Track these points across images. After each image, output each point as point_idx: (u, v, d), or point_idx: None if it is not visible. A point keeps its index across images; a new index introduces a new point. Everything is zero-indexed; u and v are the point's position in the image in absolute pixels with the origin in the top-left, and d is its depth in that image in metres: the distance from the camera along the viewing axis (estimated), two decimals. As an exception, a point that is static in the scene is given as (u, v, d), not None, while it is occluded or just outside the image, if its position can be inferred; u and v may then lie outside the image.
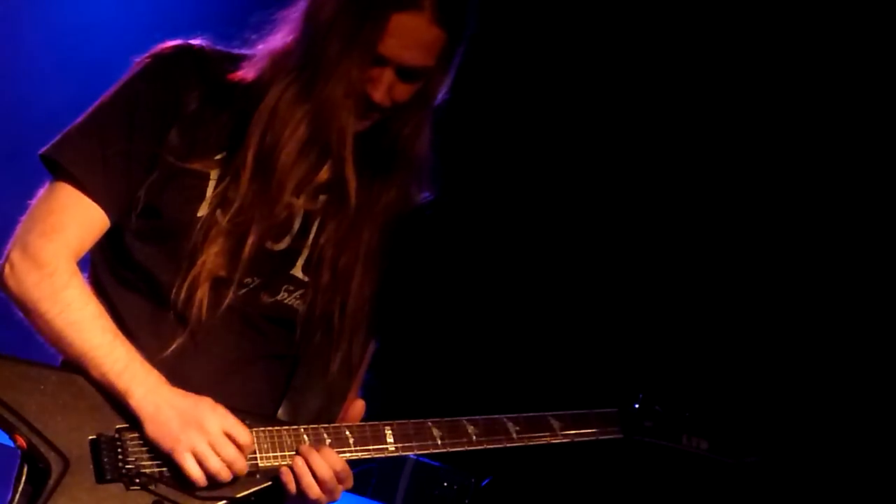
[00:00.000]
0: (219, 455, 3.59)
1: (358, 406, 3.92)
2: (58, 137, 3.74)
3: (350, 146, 3.71)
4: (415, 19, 3.64)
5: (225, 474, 3.61)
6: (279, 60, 3.72)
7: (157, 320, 3.74)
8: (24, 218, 3.73)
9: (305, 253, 3.84)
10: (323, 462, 3.71)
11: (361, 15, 3.62)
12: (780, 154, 6.31)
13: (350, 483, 3.79)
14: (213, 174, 3.74)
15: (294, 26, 3.73)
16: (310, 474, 3.70)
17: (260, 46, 3.78)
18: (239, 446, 3.62)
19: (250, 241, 3.71)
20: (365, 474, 5.85)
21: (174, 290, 3.70)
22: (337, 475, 3.72)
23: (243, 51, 3.81)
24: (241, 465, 3.63)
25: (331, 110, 3.66)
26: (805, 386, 6.03)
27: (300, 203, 3.79)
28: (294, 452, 3.73)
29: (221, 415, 3.62)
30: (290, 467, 3.71)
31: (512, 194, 6.65)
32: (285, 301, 3.84)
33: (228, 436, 3.61)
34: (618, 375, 5.98)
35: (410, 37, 3.65)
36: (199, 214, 3.72)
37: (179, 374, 3.68)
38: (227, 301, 3.73)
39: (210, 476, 3.60)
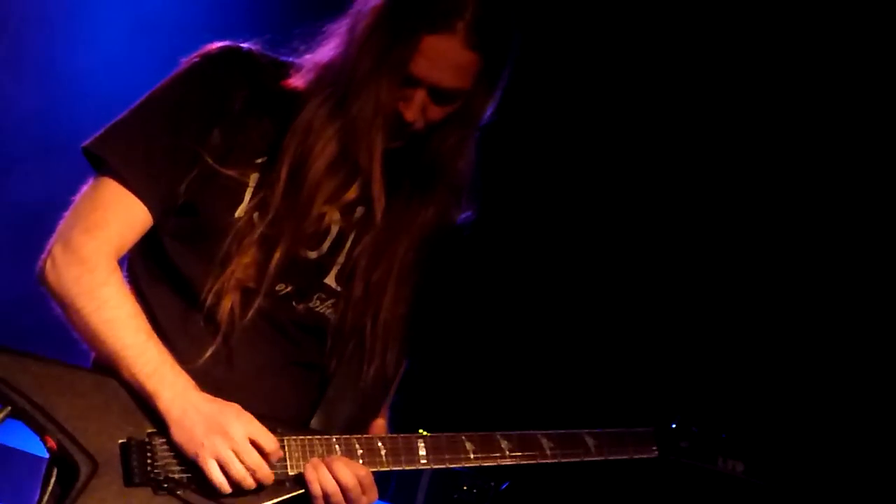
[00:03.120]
0: (243, 462, 3.57)
1: (378, 426, 3.90)
2: (101, 132, 3.73)
3: (378, 165, 3.69)
4: (447, 42, 3.61)
5: (249, 481, 3.58)
6: (323, 74, 3.72)
7: (191, 323, 3.73)
8: (67, 213, 3.72)
9: (340, 263, 3.82)
10: (346, 469, 3.68)
11: (393, 35, 3.60)
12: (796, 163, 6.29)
13: (374, 495, 3.76)
14: (253, 179, 3.73)
15: (340, 41, 3.72)
16: (334, 482, 3.67)
17: (307, 57, 3.77)
18: (264, 453, 3.60)
19: (278, 253, 3.70)
20: (385, 477, 5.82)
21: (204, 297, 3.70)
22: (360, 481, 3.70)
23: (291, 59, 3.80)
24: (265, 472, 3.60)
25: (360, 128, 3.65)
26: (842, 410, 6.00)
27: (336, 214, 3.78)
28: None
29: (247, 421, 3.60)
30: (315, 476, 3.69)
31: (546, 213, 6.63)
32: (317, 309, 3.83)
33: (254, 443, 3.59)
34: (654, 394, 5.96)
35: (442, 59, 3.62)
36: (235, 216, 3.71)
37: (212, 379, 3.67)
38: (256, 308, 3.72)
39: (234, 483, 3.57)
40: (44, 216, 3.82)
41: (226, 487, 3.57)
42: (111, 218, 3.67)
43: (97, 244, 3.64)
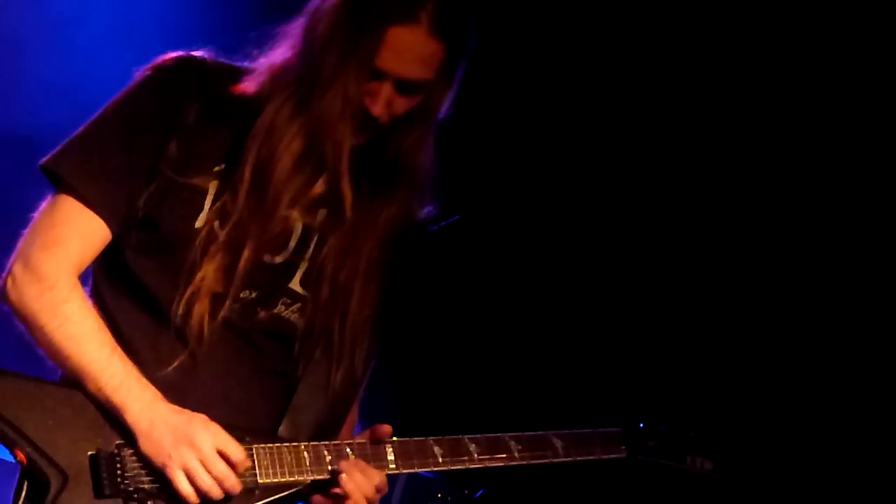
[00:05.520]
0: (209, 472, 3.58)
1: (384, 430, 3.89)
2: (58, 149, 3.74)
3: (346, 160, 3.70)
4: (412, 32, 3.62)
5: (216, 491, 3.59)
6: (279, 75, 3.72)
7: (157, 336, 3.73)
8: (26, 231, 3.73)
9: (304, 266, 3.82)
10: (366, 480, 3.74)
11: (358, 28, 3.61)
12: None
13: (386, 489, 3.82)
14: (212, 187, 3.73)
15: (294, 41, 3.73)
16: (358, 492, 3.73)
17: (261, 60, 3.78)
18: (231, 463, 3.61)
19: (245, 254, 3.70)
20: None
21: (173, 306, 3.70)
22: (377, 487, 3.76)
23: (245, 64, 3.81)
24: (232, 482, 3.61)
25: (327, 124, 3.65)
26: (812, 406, 6.02)
27: (298, 216, 3.78)
28: (295, 469, 3.73)
29: (214, 432, 3.61)
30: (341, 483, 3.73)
31: (513, 208, 6.63)
32: (282, 314, 3.83)
33: (221, 453, 3.60)
34: (622, 394, 5.97)
35: (408, 50, 3.64)
36: (196, 226, 3.71)
37: (179, 391, 3.68)
38: (225, 314, 3.72)
39: (201, 493, 3.59)
40: None
41: (193, 498, 3.58)
42: (69, 234, 3.68)
43: (56, 261, 3.65)
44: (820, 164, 6.22)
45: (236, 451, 3.61)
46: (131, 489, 3.58)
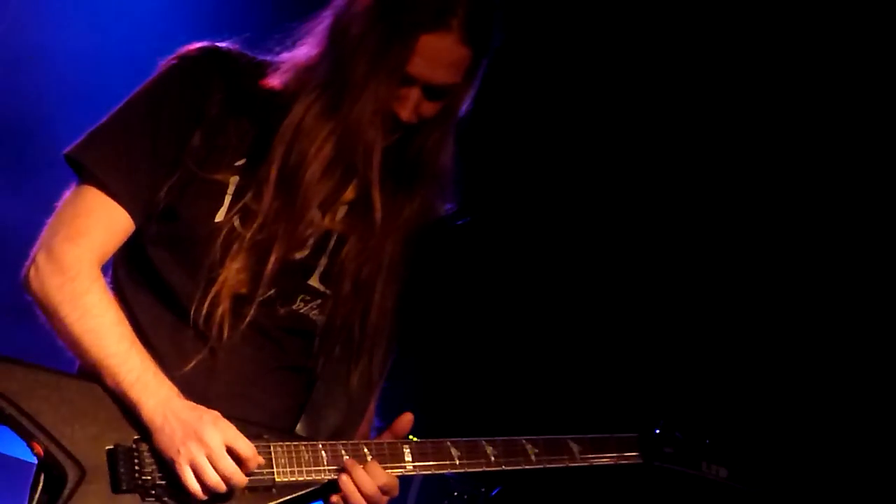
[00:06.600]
0: (216, 468, 3.57)
1: (406, 419, 3.89)
2: (82, 138, 3.74)
3: (377, 166, 3.70)
4: (443, 40, 3.62)
5: (222, 488, 3.58)
6: (303, 74, 3.71)
7: (177, 332, 3.73)
8: (50, 220, 3.72)
9: (323, 263, 3.82)
10: (368, 479, 3.72)
11: (390, 35, 3.61)
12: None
13: (396, 492, 3.80)
14: (232, 182, 3.73)
15: (319, 39, 3.72)
16: (357, 492, 3.71)
17: (285, 56, 3.77)
18: (240, 460, 3.60)
19: (273, 258, 3.70)
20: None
21: (195, 306, 3.70)
22: (382, 489, 3.73)
23: (268, 58, 3.80)
24: (239, 478, 3.60)
25: (358, 129, 3.65)
26: (827, 414, 6.01)
27: (324, 220, 3.78)
28: (313, 468, 3.73)
29: (224, 428, 3.60)
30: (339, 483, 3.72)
31: (540, 208, 6.63)
32: (301, 311, 3.83)
33: (230, 450, 3.59)
34: (639, 399, 5.97)
35: (438, 57, 3.64)
36: (216, 221, 3.71)
37: (198, 387, 3.68)
38: (248, 317, 3.72)
39: (208, 489, 3.58)
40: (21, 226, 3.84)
41: (200, 494, 3.57)
42: (93, 225, 3.67)
43: (79, 252, 3.64)
44: (824, 164, 6.21)
45: (246, 447, 3.60)
46: (149, 485, 3.58)
